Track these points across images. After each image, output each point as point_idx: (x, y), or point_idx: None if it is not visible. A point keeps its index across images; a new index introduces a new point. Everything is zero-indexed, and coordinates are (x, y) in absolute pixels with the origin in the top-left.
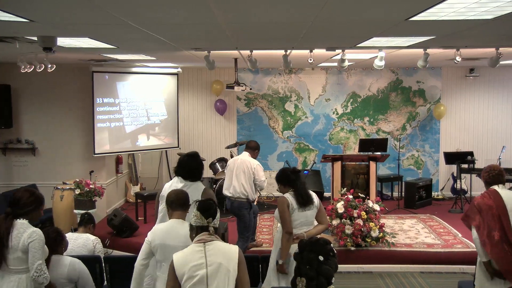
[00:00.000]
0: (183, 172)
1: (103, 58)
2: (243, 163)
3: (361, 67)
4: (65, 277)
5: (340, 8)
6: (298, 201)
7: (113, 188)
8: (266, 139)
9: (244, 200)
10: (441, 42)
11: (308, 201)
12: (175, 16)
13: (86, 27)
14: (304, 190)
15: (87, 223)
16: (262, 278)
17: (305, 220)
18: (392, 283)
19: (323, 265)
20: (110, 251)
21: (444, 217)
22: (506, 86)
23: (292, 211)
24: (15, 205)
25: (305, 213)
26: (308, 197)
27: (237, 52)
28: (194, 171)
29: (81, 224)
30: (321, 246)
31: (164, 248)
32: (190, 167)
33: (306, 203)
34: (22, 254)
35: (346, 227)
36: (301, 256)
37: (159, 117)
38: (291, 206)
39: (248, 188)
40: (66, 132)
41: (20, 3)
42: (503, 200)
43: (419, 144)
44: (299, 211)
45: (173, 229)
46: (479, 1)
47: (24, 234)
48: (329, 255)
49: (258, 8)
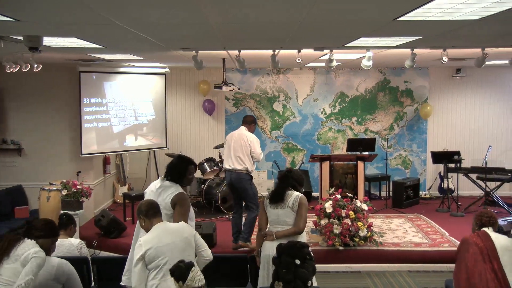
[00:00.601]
0: (166, 170)
1: (91, 58)
2: (240, 136)
3: (349, 67)
4: (52, 278)
5: (328, 8)
6: (269, 198)
7: (100, 188)
8: None
9: (243, 171)
10: (428, 42)
11: (278, 199)
12: (163, 16)
13: (73, 27)
14: (276, 188)
15: (67, 224)
16: (250, 278)
17: (276, 218)
18: (380, 283)
19: (300, 269)
20: (97, 252)
21: (432, 216)
22: (492, 86)
23: (266, 207)
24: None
25: (277, 211)
26: (278, 195)
27: (225, 52)
28: (173, 170)
29: (61, 227)
30: (297, 250)
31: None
32: (170, 165)
33: (275, 201)
34: (20, 267)
35: (334, 226)
36: (279, 260)
37: (147, 117)
38: (265, 202)
39: (245, 160)
40: (52, 132)
41: (5, 2)
42: (493, 241)
43: (407, 143)
44: (270, 208)
45: (162, 231)
46: (465, 2)
47: (32, 249)
48: (306, 258)
49: (246, 8)
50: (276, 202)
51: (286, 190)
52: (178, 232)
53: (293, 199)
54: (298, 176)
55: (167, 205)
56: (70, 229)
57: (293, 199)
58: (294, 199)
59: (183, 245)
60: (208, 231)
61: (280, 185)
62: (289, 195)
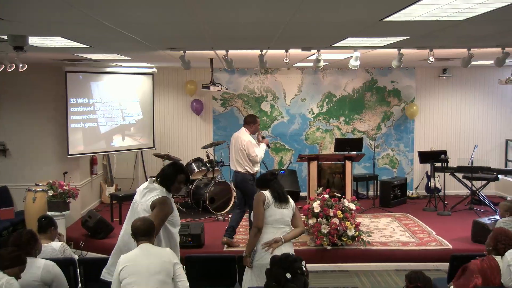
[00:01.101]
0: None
1: (77, 57)
2: (237, 140)
3: (336, 67)
4: (38, 280)
5: (315, 8)
6: (274, 197)
7: (87, 189)
8: None
9: (246, 173)
10: (415, 42)
11: (285, 198)
12: (150, 15)
13: (59, 26)
14: (280, 187)
15: (46, 227)
16: (238, 278)
17: (280, 218)
18: (368, 282)
19: (289, 283)
20: (84, 253)
21: (419, 215)
22: (478, 86)
23: (268, 206)
24: None
25: (281, 211)
26: (285, 194)
27: (213, 52)
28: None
29: (41, 231)
30: (290, 263)
31: (131, 269)
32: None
33: (282, 200)
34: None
35: (322, 226)
36: (270, 272)
37: (134, 118)
38: (266, 201)
39: (244, 162)
40: (38, 132)
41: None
42: (500, 277)
43: (394, 143)
44: (275, 207)
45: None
46: (451, 2)
47: (3, 279)
48: (297, 272)
49: (233, 8)
50: (282, 201)
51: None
52: (158, 256)
53: (291, 201)
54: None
55: (147, 207)
56: (51, 231)
57: (291, 200)
58: (291, 200)
59: (157, 269)
60: (196, 231)
61: (279, 184)
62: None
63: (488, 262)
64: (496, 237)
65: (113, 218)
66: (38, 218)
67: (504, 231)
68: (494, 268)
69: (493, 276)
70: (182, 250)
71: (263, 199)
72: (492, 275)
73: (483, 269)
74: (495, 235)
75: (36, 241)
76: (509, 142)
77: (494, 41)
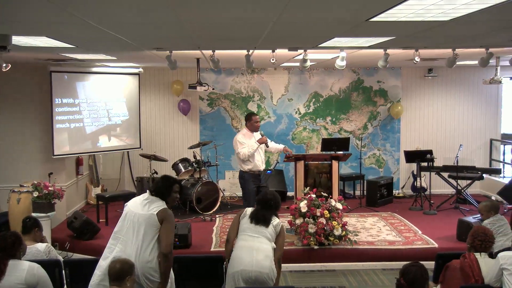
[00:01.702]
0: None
1: (62, 57)
2: None
3: (323, 67)
4: (22, 282)
5: (301, 8)
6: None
7: (73, 190)
8: (229, 139)
9: (241, 170)
10: (400, 42)
11: (260, 220)
12: (134, 15)
13: (43, 26)
14: (263, 213)
15: (30, 229)
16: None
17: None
18: (355, 281)
19: None
20: (70, 254)
21: (405, 214)
22: (462, 86)
23: (243, 217)
24: None
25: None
26: (263, 218)
27: (199, 52)
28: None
29: (26, 232)
30: None
31: None
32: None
33: (257, 220)
34: None
35: (309, 226)
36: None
37: (121, 118)
38: (243, 213)
39: (237, 160)
40: (23, 133)
41: None
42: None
43: (380, 143)
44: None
45: None
46: (436, 3)
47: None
48: None
49: (219, 7)
50: (258, 222)
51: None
52: None
53: (275, 224)
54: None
55: (152, 216)
56: (35, 233)
57: (275, 223)
58: (276, 224)
59: None
60: (183, 231)
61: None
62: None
63: (468, 260)
64: (473, 234)
65: (99, 219)
66: (23, 219)
67: (482, 229)
68: (474, 265)
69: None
70: None
71: (242, 213)
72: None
73: (463, 267)
74: (472, 232)
75: (21, 243)
76: (493, 142)
77: (478, 42)
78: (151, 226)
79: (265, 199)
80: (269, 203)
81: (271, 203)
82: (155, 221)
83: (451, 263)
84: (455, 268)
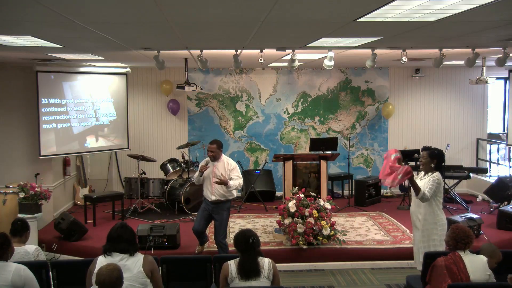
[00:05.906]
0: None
1: (48, 57)
2: None
3: (311, 67)
4: (8, 284)
5: (289, 8)
6: (239, 270)
7: (60, 190)
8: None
9: None
10: (388, 42)
11: (252, 272)
12: (122, 14)
13: (29, 25)
14: (248, 261)
15: (21, 231)
16: (215, 279)
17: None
18: (343, 280)
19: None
20: (57, 255)
21: (393, 214)
22: (449, 86)
23: (231, 281)
24: None
25: (250, 283)
26: (255, 268)
27: (187, 52)
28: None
29: (16, 234)
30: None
31: None
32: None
33: (248, 275)
34: None
35: (298, 226)
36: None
37: (108, 118)
38: (230, 275)
39: None
40: (9, 133)
41: None
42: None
43: (368, 142)
44: (240, 281)
45: None
46: (422, 3)
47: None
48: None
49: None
50: (249, 276)
51: (258, 260)
52: None
53: (267, 268)
54: (258, 241)
55: (141, 274)
56: (25, 235)
57: (267, 267)
58: (268, 267)
59: None
60: (172, 232)
61: (250, 256)
62: (262, 264)
63: (453, 258)
64: (455, 238)
65: (87, 220)
66: (12, 222)
67: (461, 229)
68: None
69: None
70: (158, 251)
71: (226, 273)
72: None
73: (448, 265)
74: (454, 236)
75: (9, 245)
76: (480, 141)
77: (465, 42)
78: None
79: (245, 240)
80: (250, 243)
81: (254, 240)
82: (143, 277)
83: (436, 261)
84: (441, 266)
